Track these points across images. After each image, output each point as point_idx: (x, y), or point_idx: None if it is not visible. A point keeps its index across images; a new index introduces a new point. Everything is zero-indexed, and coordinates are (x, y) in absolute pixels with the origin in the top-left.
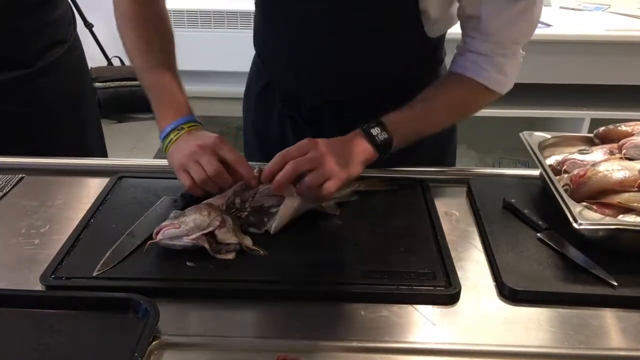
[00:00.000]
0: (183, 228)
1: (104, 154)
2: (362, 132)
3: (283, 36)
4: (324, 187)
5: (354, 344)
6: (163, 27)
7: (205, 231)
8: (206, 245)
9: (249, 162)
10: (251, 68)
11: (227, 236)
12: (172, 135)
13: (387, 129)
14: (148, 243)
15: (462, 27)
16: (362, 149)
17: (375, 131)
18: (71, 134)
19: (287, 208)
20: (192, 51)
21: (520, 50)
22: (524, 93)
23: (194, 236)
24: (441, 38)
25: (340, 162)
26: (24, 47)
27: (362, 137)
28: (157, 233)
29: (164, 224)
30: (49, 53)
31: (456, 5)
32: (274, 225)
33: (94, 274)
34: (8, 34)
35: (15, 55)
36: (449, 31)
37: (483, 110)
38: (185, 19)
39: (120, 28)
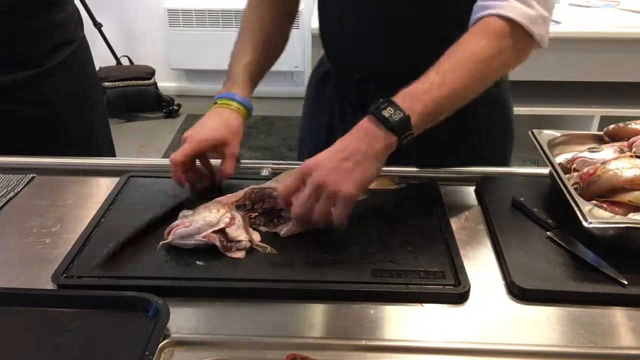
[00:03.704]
0: (193, 226)
1: (112, 154)
2: (374, 117)
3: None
4: (334, 217)
5: (363, 342)
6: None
7: (216, 228)
8: (217, 243)
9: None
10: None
11: (238, 233)
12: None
13: (400, 107)
14: (160, 244)
15: None
16: (375, 139)
17: (387, 112)
18: (79, 134)
19: (298, 225)
20: (213, 50)
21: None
22: (533, 91)
23: (205, 233)
24: None
25: (345, 177)
26: (32, 47)
27: (374, 125)
28: (168, 233)
29: (174, 223)
30: (56, 53)
31: None
32: (284, 230)
33: (105, 273)
34: (16, 35)
35: (23, 56)
36: None
37: None
38: (207, 18)
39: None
